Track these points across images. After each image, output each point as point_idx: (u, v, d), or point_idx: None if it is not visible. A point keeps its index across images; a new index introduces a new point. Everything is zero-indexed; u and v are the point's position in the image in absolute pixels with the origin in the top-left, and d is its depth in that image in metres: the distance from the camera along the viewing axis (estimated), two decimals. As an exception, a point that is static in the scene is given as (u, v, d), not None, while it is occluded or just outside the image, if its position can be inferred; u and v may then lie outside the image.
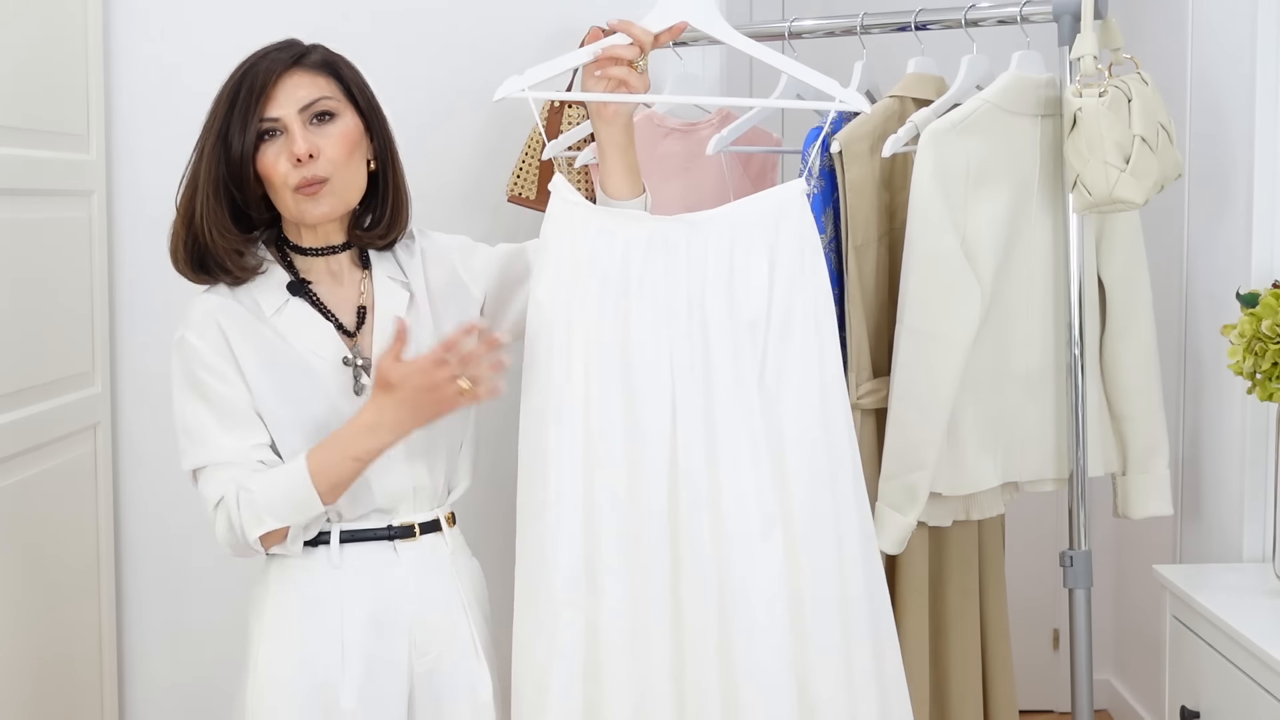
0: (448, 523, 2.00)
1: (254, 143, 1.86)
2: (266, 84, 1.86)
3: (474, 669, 1.97)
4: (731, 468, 1.84)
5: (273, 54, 1.89)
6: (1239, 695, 2.13)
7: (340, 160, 1.88)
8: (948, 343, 2.27)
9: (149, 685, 3.17)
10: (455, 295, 2.01)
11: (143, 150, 3.08)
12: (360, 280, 1.98)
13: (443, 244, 2.05)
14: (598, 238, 1.85)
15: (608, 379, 1.83)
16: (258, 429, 1.89)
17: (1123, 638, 3.84)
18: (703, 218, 1.86)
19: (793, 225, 1.86)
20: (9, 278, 2.60)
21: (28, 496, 2.68)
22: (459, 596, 1.98)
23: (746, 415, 1.84)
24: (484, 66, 3.09)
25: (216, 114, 1.87)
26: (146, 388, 3.11)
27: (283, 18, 3.00)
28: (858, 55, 2.55)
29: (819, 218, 2.34)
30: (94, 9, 2.95)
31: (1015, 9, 2.37)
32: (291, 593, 1.92)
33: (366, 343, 1.95)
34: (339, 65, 1.94)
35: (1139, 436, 2.46)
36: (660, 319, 1.84)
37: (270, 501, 1.84)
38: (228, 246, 1.89)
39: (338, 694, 1.89)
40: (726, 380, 1.84)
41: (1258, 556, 2.51)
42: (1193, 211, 2.76)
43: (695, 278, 1.84)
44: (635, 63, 1.87)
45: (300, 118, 1.87)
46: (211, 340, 1.88)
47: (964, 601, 2.50)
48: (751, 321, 1.84)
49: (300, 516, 1.85)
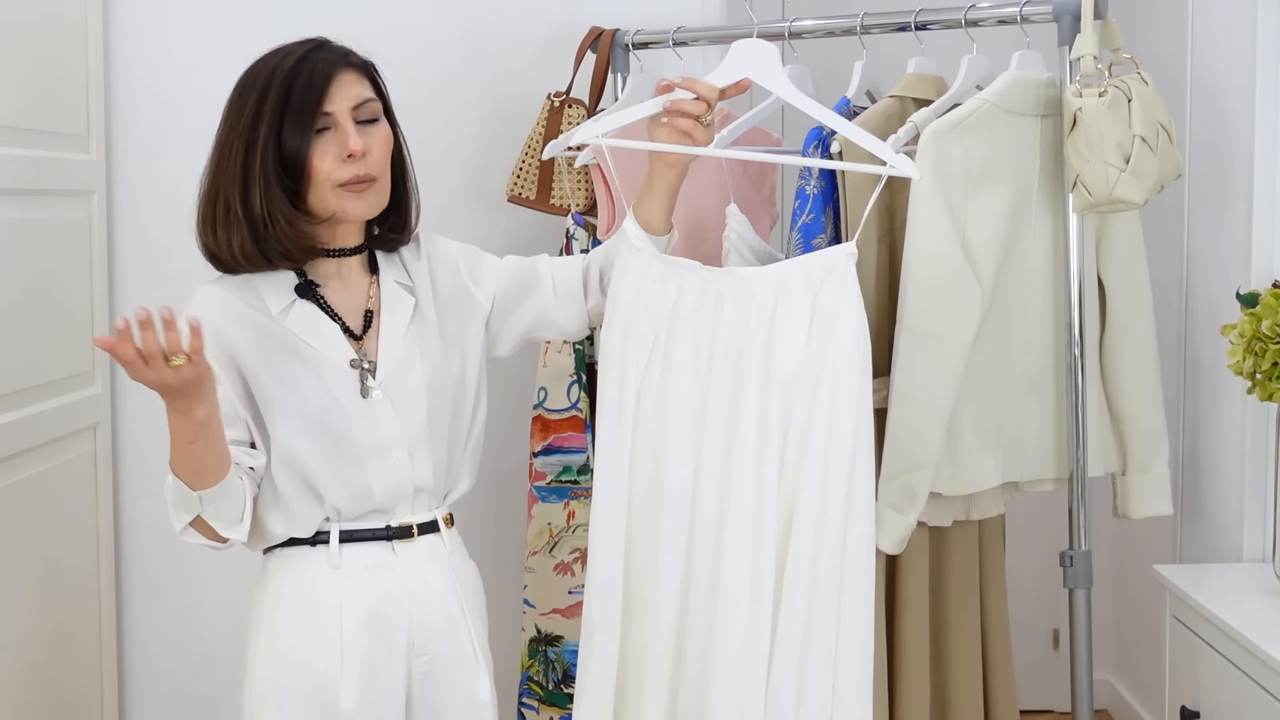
0: (446, 524, 2.01)
1: (312, 137, 1.86)
2: (326, 80, 1.87)
3: (471, 670, 1.99)
4: (735, 538, 1.87)
5: (322, 50, 1.91)
6: (1239, 695, 2.13)
7: (384, 163, 1.92)
8: (948, 343, 2.27)
9: (149, 685, 3.17)
10: (460, 301, 2.03)
11: (143, 150, 3.08)
12: (368, 285, 1.99)
13: (450, 250, 2.07)
14: (654, 285, 1.92)
15: (646, 424, 1.91)
16: (235, 427, 1.89)
17: (1123, 638, 3.84)
18: (752, 273, 1.91)
19: (835, 286, 1.88)
20: (9, 278, 2.60)
21: (28, 496, 2.68)
22: (457, 597, 1.99)
23: (760, 478, 1.87)
24: (484, 67, 3.09)
25: (265, 103, 1.85)
26: (146, 388, 3.11)
27: (283, 18, 3.00)
28: (858, 55, 2.55)
29: (819, 218, 2.34)
30: (94, 9, 2.95)
31: (1015, 9, 2.37)
32: (290, 591, 1.93)
33: (372, 346, 1.96)
34: (374, 71, 1.98)
35: (1139, 436, 2.46)
36: (699, 370, 1.90)
37: (170, 496, 1.85)
38: (293, 233, 1.88)
39: (336, 693, 1.90)
40: (749, 438, 1.87)
41: (1258, 556, 2.51)
42: (1193, 211, 2.76)
43: (736, 332, 1.89)
44: (701, 117, 1.91)
45: (352, 115, 1.89)
46: (209, 334, 1.85)
47: (964, 601, 2.50)
48: (785, 381, 1.87)
49: (193, 507, 1.83)
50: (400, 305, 1.98)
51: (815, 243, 2.33)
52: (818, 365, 1.87)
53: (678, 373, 1.89)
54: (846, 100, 2.48)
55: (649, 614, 1.90)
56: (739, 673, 1.86)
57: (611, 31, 2.88)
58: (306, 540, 1.94)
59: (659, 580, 1.90)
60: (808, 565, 1.87)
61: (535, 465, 2.80)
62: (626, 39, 2.86)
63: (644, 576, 1.91)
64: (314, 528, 1.93)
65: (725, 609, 1.86)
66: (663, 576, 1.89)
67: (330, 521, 1.93)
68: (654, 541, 1.90)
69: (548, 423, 2.79)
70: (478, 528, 2.13)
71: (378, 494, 1.93)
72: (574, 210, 2.83)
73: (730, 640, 1.86)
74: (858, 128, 2.00)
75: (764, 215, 2.78)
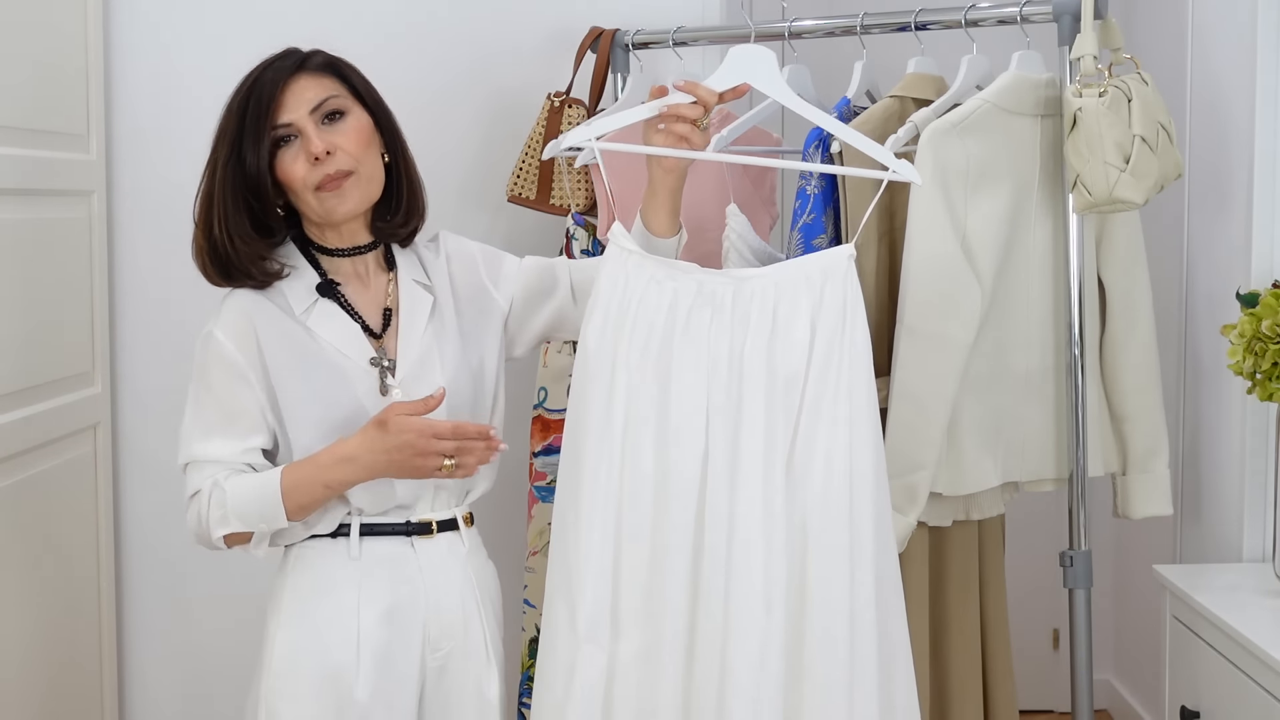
0: (465, 523, 2.04)
1: (270, 152, 1.90)
2: (274, 93, 1.90)
3: (483, 669, 2.00)
4: (745, 535, 1.84)
5: (276, 64, 1.93)
6: (1239, 695, 2.13)
7: (358, 153, 1.93)
8: (948, 343, 2.27)
9: (149, 685, 3.17)
10: (479, 300, 2.05)
11: (143, 150, 3.08)
12: (386, 283, 2.02)
13: (468, 249, 2.09)
14: (648, 286, 1.89)
15: (644, 426, 1.87)
16: (259, 433, 1.94)
17: (1123, 638, 3.84)
18: (750, 274, 1.89)
19: (837, 288, 1.87)
20: (9, 277, 2.60)
21: (28, 496, 2.68)
22: (474, 596, 2.02)
23: (768, 479, 1.85)
24: (484, 67, 3.09)
25: (227, 128, 1.91)
26: (146, 388, 3.11)
27: (283, 19, 3.00)
28: (858, 55, 2.55)
29: (819, 218, 2.34)
30: (94, 9, 2.95)
31: (1015, 9, 2.37)
32: (308, 581, 1.96)
33: (392, 345, 1.98)
34: (341, 65, 1.98)
35: (1139, 436, 2.46)
36: (700, 370, 1.87)
37: (239, 506, 1.89)
38: (250, 253, 1.93)
39: (351, 684, 1.91)
40: (755, 438, 1.85)
41: (1258, 556, 2.50)
42: (1193, 211, 2.76)
43: (738, 332, 1.87)
44: (698, 121, 1.91)
45: (312, 119, 1.91)
46: (239, 339, 1.93)
47: (964, 601, 2.50)
48: (788, 379, 1.85)
49: (264, 525, 1.90)
50: (419, 304, 2.01)
51: (816, 243, 2.33)
52: (823, 365, 1.86)
53: (678, 375, 1.87)
54: (846, 100, 2.48)
55: (652, 619, 1.86)
56: (754, 669, 1.83)
57: (611, 31, 2.88)
58: (329, 533, 1.96)
59: (668, 585, 1.85)
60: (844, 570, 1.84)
61: (535, 465, 2.80)
62: (626, 39, 2.86)
63: (637, 583, 1.86)
64: (335, 525, 1.96)
65: (738, 610, 1.84)
66: (671, 581, 1.86)
67: (352, 515, 1.96)
68: (658, 548, 1.86)
69: (548, 423, 2.79)
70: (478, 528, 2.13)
71: (399, 491, 1.96)
72: (574, 210, 2.83)
73: (744, 642, 1.83)
74: (857, 133, 1.99)
75: (764, 215, 2.78)
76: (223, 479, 1.90)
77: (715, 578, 1.85)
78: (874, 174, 1.94)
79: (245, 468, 1.93)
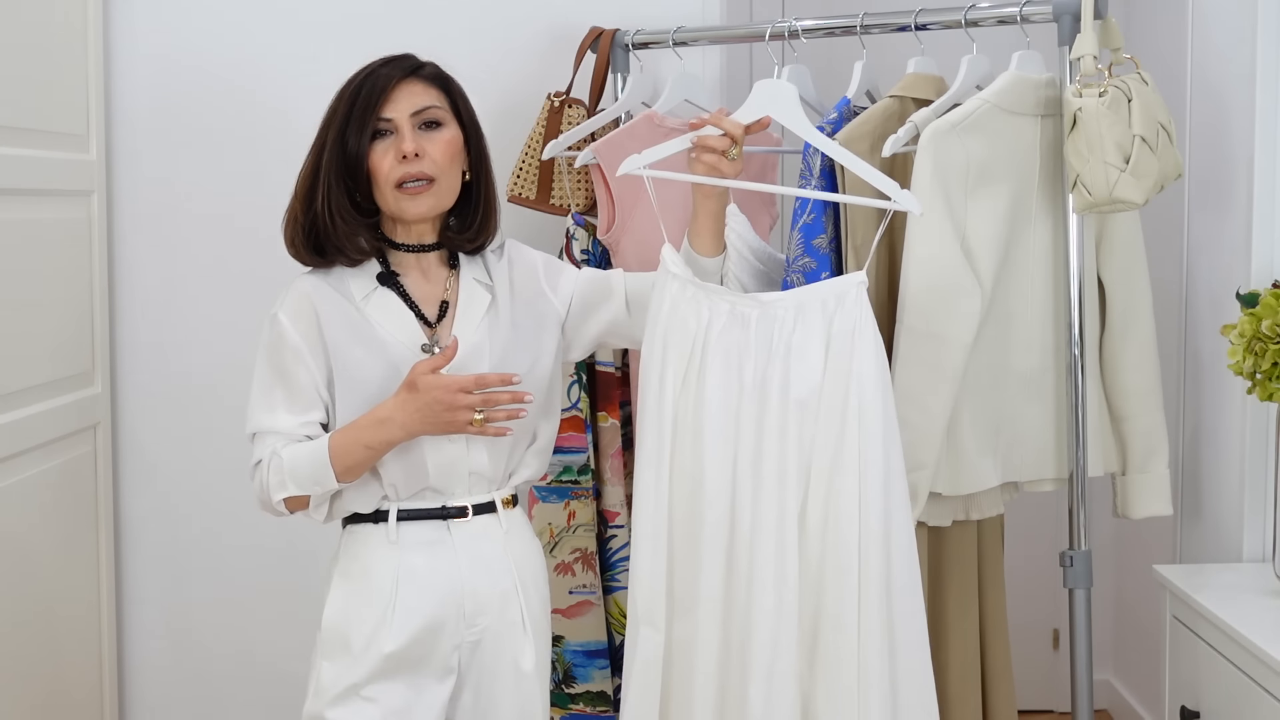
0: (505, 505, 2.13)
1: (369, 140, 2.04)
2: (385, 87, 2.05)
3: (519, 641, 2.12)
4: (762, 547, 2.01)
5: (392, 62, 2.08)
6: (1239, 695, 2.13)
7: (443, 165, 2.07)
8: (947, 343, 2.27)
9: (149, 684, 3.18)
10: (537, 305, 2.17)
11: (143, 150, 3.08)
12: (446, 278, 2.14)
13: (531, 257, 2.22)
14: (688, 307, 2.06)
15: (684, 436, 2.05)
16: (317, 409, 2.07)
17: (1123, 638, 3.84)
18: (772, 298, 2.04)
19: (849, 312, 2.00)
20: (9, 277, 2.60)
21: (28, 496, 2.68)
22: (512, 576, 2.12)
23: (782, 499, 2.00)
24: (484, 67, 3.09)
25: (336, 112, 2.06)
26: (146, 388, 3.12)
27: (283, 19, 2.99)
28: (858, 55, 2.55)
29: (819, 218, 2.34)
30: (94, 9, 2.95)
31: (1015, 9, 2.37)
32: (352, 564, 2.10)
33: (445, 333, 2.10)
34: (449, 81, 2.13)
35: (1139, 436, 2.47)
36: (730, 389, 2.03)
37: (294, 470, 2.03)
38: (348, 229, 2.06)
39: (389, 651, 2.04)
40: (772, 458, 2.01)
41: (1257, 556, 2.51)
42: (1193, 211, 2.76)
43: (760, 354, 2.03)
44: (727, 151, 2.06)
45: (411, 121, 2.05)
46: (302, 321, 2.06)
47: (963, 601, 2.50)
48: (801, 401, 2.00)
49: (317, 488, 2.03)
50: (476, 299, 2.13)
51: (815, 243, 2.33)
52: (836, 388, 1.99)
53: (711, 390, 2.03)
54: (847, 100, 2.48)
55: (693, 609, 2.03)
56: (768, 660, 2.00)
57: (611, 31, 2.88)
58: (370, 519, 2.09)
59: (703, 579, 2.03)
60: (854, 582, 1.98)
61: (535, 465, 2.79)
62: (626, 39, 2.87)
63: (686, 575, 2.04)
64: (373, 504, 2.08)
65: (757, 608, 2.00)
66: (707, 575, 2.03)
67: (388, 500, 2.08)
68: (697, 542, 2.03)
69: (548, 423, 2.79)
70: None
71: (432, 474, 2.07)
72: (574, 210, 2.83)
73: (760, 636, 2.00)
74: (865, 163, 2.10)
75: (764, 215, 2.79)
76: (281, 448, 2.04)
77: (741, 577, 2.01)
78: (876, 203, 2.07)
79: (304, 439, 2.05)
